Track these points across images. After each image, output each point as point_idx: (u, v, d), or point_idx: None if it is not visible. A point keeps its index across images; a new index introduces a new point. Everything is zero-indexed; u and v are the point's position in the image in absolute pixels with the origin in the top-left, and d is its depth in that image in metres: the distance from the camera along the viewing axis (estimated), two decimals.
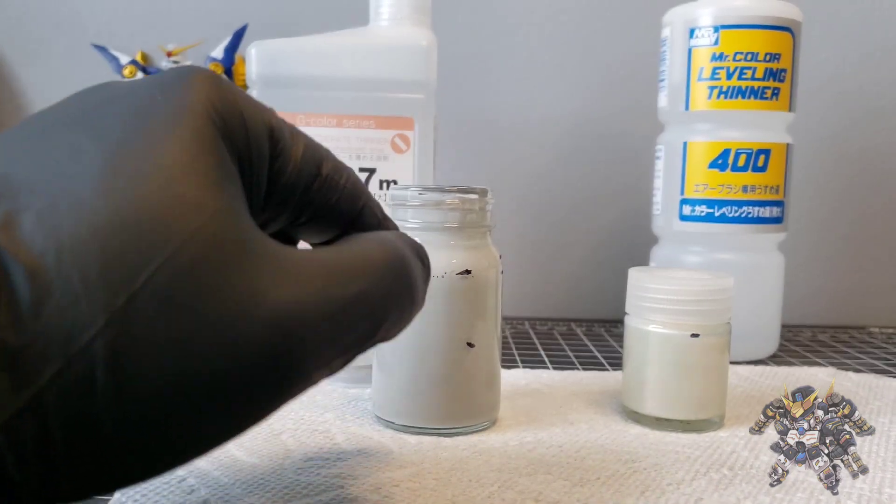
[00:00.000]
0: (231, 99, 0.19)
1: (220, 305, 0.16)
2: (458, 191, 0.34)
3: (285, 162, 0.21)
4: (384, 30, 0.49)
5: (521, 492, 0.28)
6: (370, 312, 0.19)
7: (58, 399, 0.14)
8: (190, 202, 0.16)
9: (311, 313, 0.18)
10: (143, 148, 0.16)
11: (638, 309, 0.36)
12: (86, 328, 0.15)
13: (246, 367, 0.16)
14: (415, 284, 0.21)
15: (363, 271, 0.19)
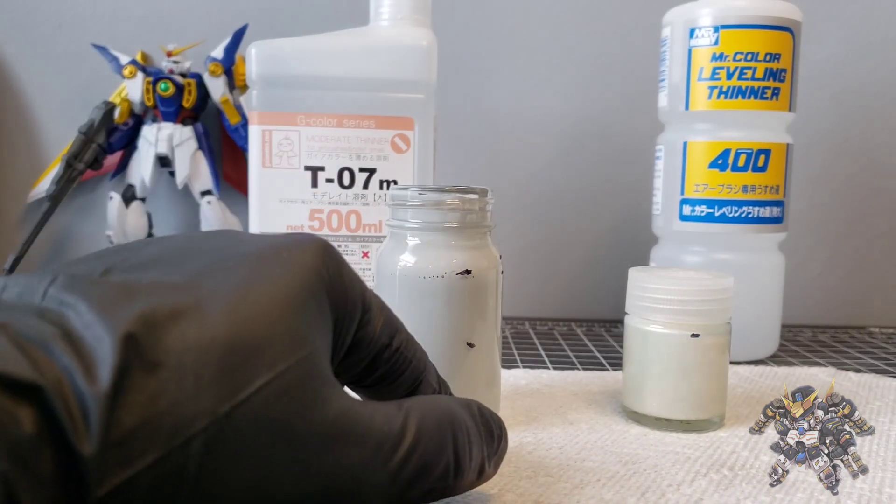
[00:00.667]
0: (338, 267, 0.22)
1: (303, 432, 0.18)
2: (458, 191, 0.34)
3: (369, 330, 0.24)
4: (384, 30, 0.49)
5: (521, 494, 0.27)
6: (416, 471, 0.21)
7: (149, 485, 0.16)
8: (296, 336, 0.19)
9: (372, 461, 0.20)
10: (266, 286, 0.19)
11: (638, 309, 0.36)
12: (189, 426, 0.16)
13: (310, 496, 0.18)
14: (465, 450, 0.23)
15: (417, 431, 0.21)
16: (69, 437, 0.15)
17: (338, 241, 0.48)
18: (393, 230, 0.35)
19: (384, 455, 0.20)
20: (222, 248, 0.21)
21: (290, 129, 0.48)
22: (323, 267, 0.21)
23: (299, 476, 0.18)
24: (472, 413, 0.24)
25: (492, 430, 0.25)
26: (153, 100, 0.62)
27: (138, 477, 0.15)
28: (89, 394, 0.15)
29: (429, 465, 0.21)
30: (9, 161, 0.68)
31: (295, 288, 0.20)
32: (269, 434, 0.17)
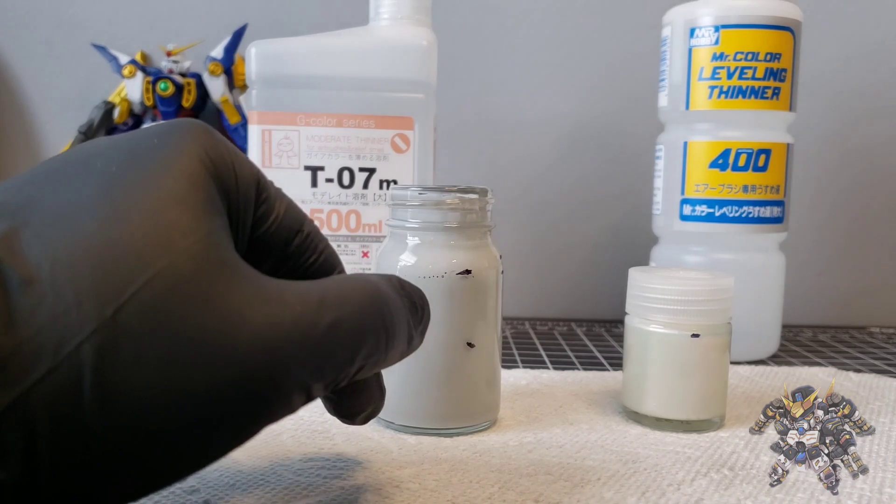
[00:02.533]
0: (222, 148, 0.21)
1: (202, 322, 0.17)
2: (458, 191, 0.34)
3: (268, 211, 0.23)
4: (384, 30, 0.49)
5: (522, 493, 0.27)
6: (346, 342, 0.20)
7: (44, 401, 0.15)
8: (177, 227, 0.17)
9: (289, 337, 0.18)
10: (139, 181, 0.18)
11: (638, 309, 0.36)
12: (75, 335, 0.15)
13: (226, 385, 0.17)
14: (393, 320, 0.22)
15: (338, 301, 0.20)
16: None
17: (338, 240, 0.48)
18: (393, 230, 0.35)
19: (302, 332, 0.19)
20: (95, 152, 0.19)
21: (289, 128, 0.48)
22: (201, 149, 0.20)
23: (209, 368, 0.17)
24: (394, 285, 0.23)
25: (414, 301, 0.24)
26: (153, 99, 0.62)
27: (30, 395, 0.15)
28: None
29: (356, 339, 0.20)
30: (8, 161, 0.68)
31: (171, 177, 0.18)
32: (166, 330, 0.16)
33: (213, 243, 0.18)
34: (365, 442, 0.33)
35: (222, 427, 0.17)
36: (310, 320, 0.19)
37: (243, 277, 0.18)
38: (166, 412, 0.16)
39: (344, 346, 0.20)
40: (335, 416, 0.26)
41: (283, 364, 0.18)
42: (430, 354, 0.33)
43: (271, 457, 0.30)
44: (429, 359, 0.33)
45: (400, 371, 0.34)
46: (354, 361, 0.20)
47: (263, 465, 0.29)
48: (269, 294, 0.19)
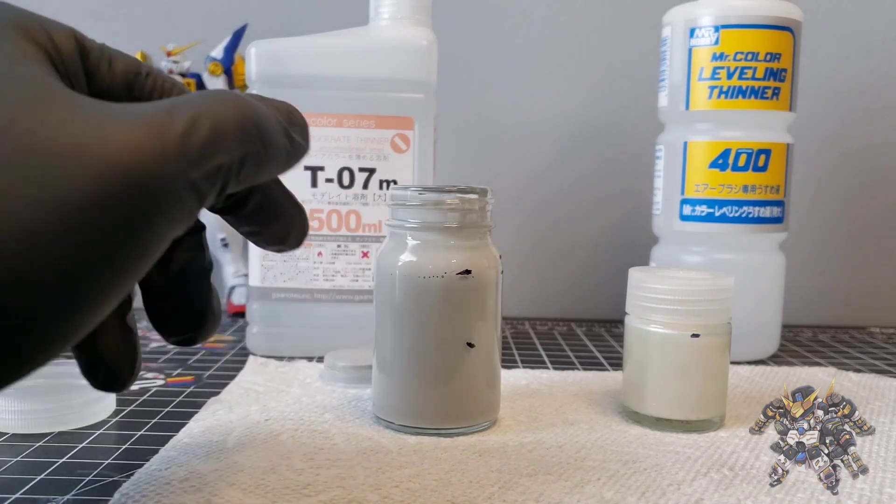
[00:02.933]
0: (29, 17, 0.21)
1: (53, 136, 0.16)
2: (458, 191, 0.34)
3: (98, 61, 0.23)
4: (384, 29, 0.49)
5: (522, 492, 0.27)
6: (212, 134, 0.19)
7: None
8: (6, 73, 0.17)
9: (150, 134, 0.18)
10: None
11: (638, 309, 0.36)
12: None
13: (100, 190, 0.16)
14: (257, 114, 0.21)
15: (191, 102, 0.19)
16: None
17: (338, 240, 0.48)
18: (393, 230, 0.35)
19: (160, 128, 0.18)
20: None
21: None
22: (9, 20, 0.20)
23: (75, 180, 0.16)
24: (247, 94, 0.22)
25: (276, 105, 0.23)
26: None
27: None
28: None
29: (222, 130, 0.19)
30: None
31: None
32: (16, 154, 0.16)
33: (47, 81, 0.18)
34: (365, 442, 0.33)
35: (113, 239, 0.17)
36: (166, 119, 0.18)
37: (84, 98, 0.18)
38: (47, 236, 0.16)
39: (212, 138, 0.19)
40: (268, 250, 0.27)
41: (155, 160, 0.17)
42: (430, 354, 0.33)
43: (271, 457, 0.30)
44: (429, 359, 0.33)
45: (400, 371, 0.34)
46: (230, 152, 0.20)
47: (263, 465, 0.29)
48: (118, 105, 0.18)
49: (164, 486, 0.27)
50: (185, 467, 0.29)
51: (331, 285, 0.49)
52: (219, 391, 0.40)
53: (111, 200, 0.16)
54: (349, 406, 0.38)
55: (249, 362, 0.45)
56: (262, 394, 0.39)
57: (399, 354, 0.34)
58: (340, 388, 0.41)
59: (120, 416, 0.36)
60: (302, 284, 0.48)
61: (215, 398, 0.38)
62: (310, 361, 0.46)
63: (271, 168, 0.22)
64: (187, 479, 0.28)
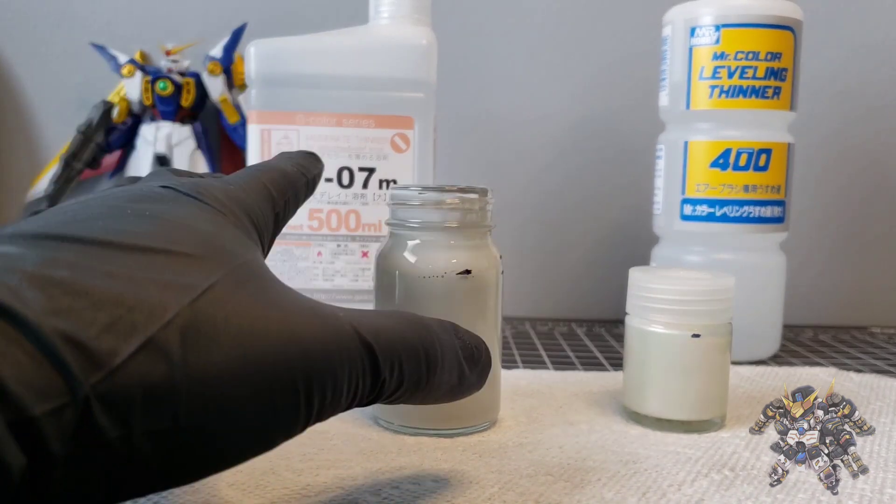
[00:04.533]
0: (236, 196, 0.25)
1: (263, 313, 0.19)
2: (458, 190, 0.33)
3: (287, 215, 0.29)
4: (384, 28, 0.49)
5: (522, 493, 0.27)
6: (384, 352, 0.22)
7: (141, 368, 0.17)
8: (228, 249, 0.21)
9: (338, 338, 0.21)
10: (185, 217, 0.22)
11: (639, 309, 0.36)
12: (158, 318, 0.17)
13: (286, 362, 0.19)
14: (434, 345, 0.23)
15: (376, 317, 0.22)
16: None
17: (337, 240, 0.48)
18: (393, 230, 0.35)
19: (347, 335, 0.21)
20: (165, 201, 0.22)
21: (289, 128, 0.47)
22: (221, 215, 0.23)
23: (272, 347, 0.19)
24: (443, 324, 0.25)
25: (467, 342, 0.25)
26: (152, 99, 0.62)
27: (122, 370, 0.16)
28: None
29: (395, 352, 0.22)
30: (7, 160, 0.68)
31: (209, 215, 0.22)
32: (235, 316, 0.19)
33: (254, 262, 0.22)
34: (365, 442, 0.33)
35: (286, 404, 0.19)
36: (352, 322, 0.21)
37: (286, 288, 0.22)
38: (242, 387, 0.18)
39: (384, 349, 0.21)
40: None
41: (335, 357, 0.20)
42: None
43: (271, 457, 0.30)
44: None
45: None
46: (394, 370, 0.22)
47: (263, 465, 0.29)
48: (312, 302, 0.21)
49: None
50: None
51: (331, 285, 0.48)
52: None
53: (285, 376, 0.19)
54: None
55: None
56: None
57: None
58: None
59: None
60: (302, 284, 0.48)
61: None
62: None
63: (426, 399, 0.24)
64: None
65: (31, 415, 0.15)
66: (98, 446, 0.16)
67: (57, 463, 0.15)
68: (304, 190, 0.30)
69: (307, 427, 0.20)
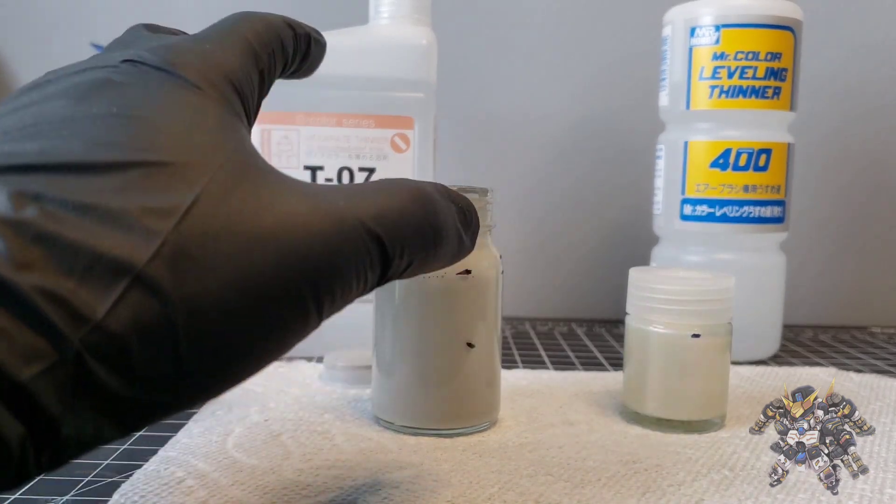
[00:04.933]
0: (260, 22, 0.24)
1: (258, 222, 0.18)
2: (458, 190, 0.33)
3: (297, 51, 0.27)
4: (384, 28, 0.49)
5: (522, 493, 0.27)
6: (393, 232, 0.21)
7: (132, 311, 0.16)
8: (206, 147, 0.19)
9: (340, 228, 0.19)
10: (163, 104, 0.19)
11: (639, 309, 0.36)
12: (144, 250, 0.16)
13: (293, 272, 0.18)
14: (438, 216, 0.22)
15: (381, 196, 0.21)
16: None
17: None
18: None
19: (351, 224, 0.20)
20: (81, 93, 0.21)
21: (289, 128, 0.47)
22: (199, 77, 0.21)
23: (276, 259, 0.18)
24: (438, 188, 0.24)
25: (460, 204, 0.24)
26: None
27: (114, 313, 0.15)
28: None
29: (403, 229, 0.21)
30: None
31: (181, 97, 0.20)
32: (226, 234, 0.17)
33: (240, 155, 0.19)
34: (365, 442, 0.33)
35: (295, 312, 0.18)
36: (356, 213, 0.20)
37: (279, 181, 0.19)
38: (245, 308, 0.17)
39: (392, 237, 0.20)
40: None
41: (341, 254, 0.19)
42: (429, 355, 0.33)
43: (271, 457, 0.30)
44: (429, 359, 0.33)
45: (400, 371, 0.34)
46: (404, 253, 0.21)
47: (263, 466, 0.29)
48: (310, 192, 0.20)
49: (163, 486, 0.27)
50: (184, 468, 0.29)
51: None
52: None
53: (293, 284, 0.18)
54: (349, 406, 0.38)
55: None
56: (262, 394, 0.39)
57: (399, 355, 0.34)
58: (340, 388, 0.41)
59: None
60: None
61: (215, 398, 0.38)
62: (309, 361, 0.46)
63: (433, 267, 0.23)
64: (186, 479, 0.28)
65: (18, 380, 0.14)
66: (102, 398, 0.15)
67: (60, 424, 0.15)
68: (293, 42, 0.27)
69: (320, 324, 0.20)
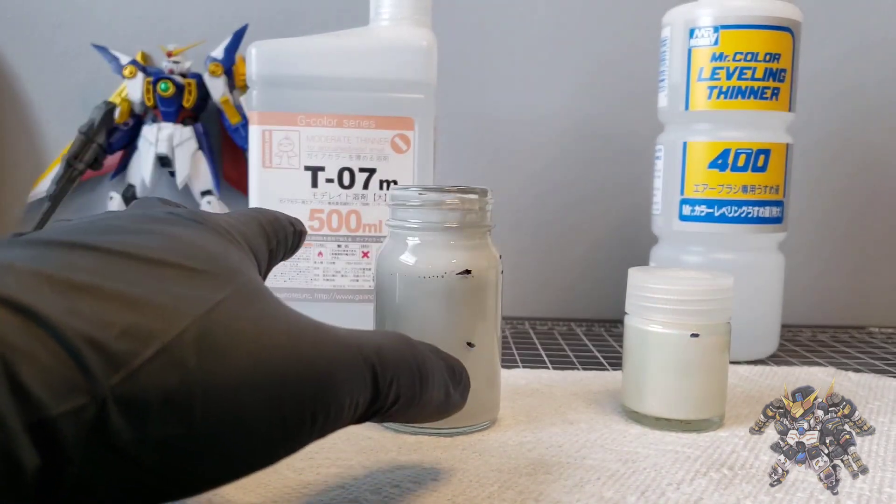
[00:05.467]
0: (237, 226, 0.26)
1: (273, 327, 0.20)
2: (458, 191, 0.34)
3: (279, 250, 0.29)
4: (384, 30, 0.49)
5: (521, 492, 0.28)
6: (386, 368, 0.23)
7: (158, 374, 0.17)
8: (234, 266, 0.22)
9: (341, 353, 0.21)
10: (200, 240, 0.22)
11: (638, 309, 0.36)
12: (175, 324, 0.18)
13: (297, 379, 0.20)
14: (425, 363, 0.25)
15: (372, 336, 0.24)
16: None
17: (338, 240, 0.48)
18: (393, 230, 0.35)
19: (351, 351, 0.22)
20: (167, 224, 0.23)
21: (290, 129, 0.48)
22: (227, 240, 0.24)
23: (283, 361, 0.20)
24: (429, 346, 0.26)
25: (451, 364, 0.26)
26: (153, 100, 0.62)
27: (140, 374, 0.17)
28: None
29: (394, 367, 0.23)
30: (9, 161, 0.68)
31: (212, 234, 0.23)
32: (248, 329, 0.19)
33: (259, 282, 0.22)
34: (365, 442, 0.33)
35: (294, 416, 0.20)
36: (357, 341, 0.22)
37: (290, 308, 0.22)
38: (253, 397, 0.19)
39: (383, 366, 0.23)
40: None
41: (340, 370, 0.21)
42: None
43: None
44: None
45: None
46: (392, 385, 0.23)
47: None
48: (315, 321, 0.22)
49: None
50: None
51: (331, 285, 0.49)
52: None
53: (295, 391, 0.20)
54: None
55: None
56: None
57: None
58: None
59: None
60: (302, 284, 0.48)
61: None
62: None
63: (420, 415, 0.25)
64: None
65: (49, 415, 0.15)
66: (112, 450, 0.16)
67: (70, 464, 0.15)
68: (293, 238, 0.31)
69: (310, 443, 0.21)
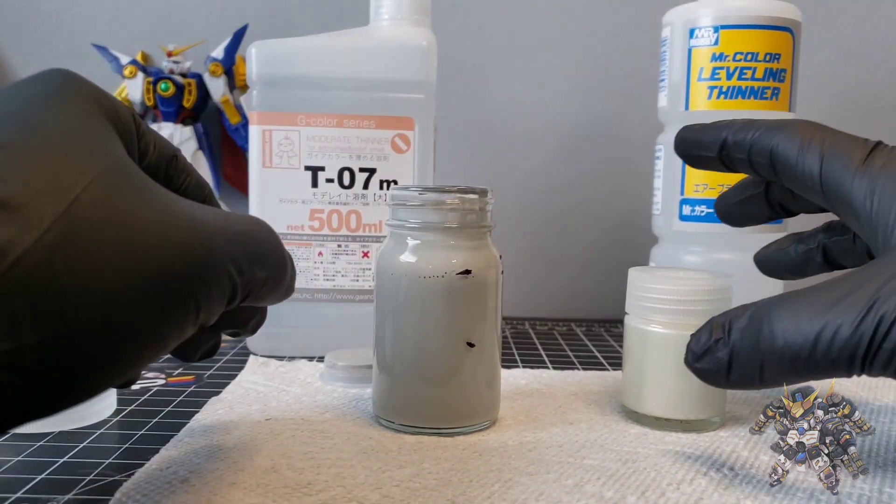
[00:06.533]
0: (100, 90, 0.24)
1: (143, 214, 0.20)
2: (458, 191, 0.34)
3: (147, 143, 0.26)
4: (384, 30, 0.49)
5: (522, 492, 0.28)
6: (258, 247, 0.24)
7: (21, 283, 0.17)
8: (96, 149, 0.20)
9: (216, 230, 0.22)
10: (55, 118, 0.21)
11: (638, 309, 0.36)
12: (36, 226, 0.17)
13: (172, 262, 0.20)
14: (285, 259, 0.26)
15: (244, 218, 0.24)
16: None
17: (338, 241, 0.48)
18: (393, 230, 0.35)
19: (224, 229, 0.22)
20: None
21: (290, 129, 0.48)
22: (88, 93, 0.23)
23: (156, 249, 0.20)
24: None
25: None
26: (153, 100, 0.62)
27: (6, 278, 0.16)
28: None
29: (264, 248, 0.24)
30: None
31: (73, 114, 0.21)
32: (114, 221, 0.19)
33: (127, 161, 0.21)
34: (365, 441, 0.33)
35: (173, 302, 0.20)
36: (226, 223, 0.23)
37: (159, 187, 0.22)
38: (127, 287, 0.19)
39: (258, 250, 0.24)
40: (226, 335, 0.30)
41: (216, 251, 0.21)
42: (430, 354, 0.33)
43: (272, 456, 0.30)
44: (429, 359, 0.33)
45: (400, 371, 0.34)
46: (264, 267, 0.24)
47: (264, 465, 0.29)
48: (186, 202, 0.22)
49: (165, 485, 0.27)
50: (186, 467, 0.29)
51: (331, 285, 0.49)
52: (219, 391, 0.40)
53: (172, 273, 0.20)
54: (349, 406, 0.38)
55: (250, 362, 0.45)
56: (263, 393, 0.39)
57: (399, 354, 0.34)
58: (341, 387, 0.41)
59: (121, 416, 0.36)
60: (302, 284, 0.48)
61: (216, 398, 0.38)
62: (310, 361, 0.46)
63: (278, 297, 0.27)
64: (188, 478, 0.28)
65: None
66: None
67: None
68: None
69: (199, 325, 0.21)
